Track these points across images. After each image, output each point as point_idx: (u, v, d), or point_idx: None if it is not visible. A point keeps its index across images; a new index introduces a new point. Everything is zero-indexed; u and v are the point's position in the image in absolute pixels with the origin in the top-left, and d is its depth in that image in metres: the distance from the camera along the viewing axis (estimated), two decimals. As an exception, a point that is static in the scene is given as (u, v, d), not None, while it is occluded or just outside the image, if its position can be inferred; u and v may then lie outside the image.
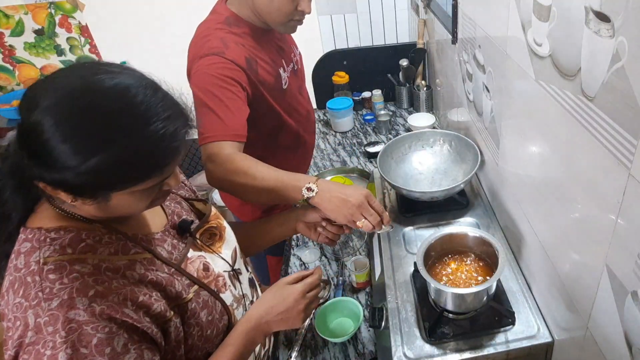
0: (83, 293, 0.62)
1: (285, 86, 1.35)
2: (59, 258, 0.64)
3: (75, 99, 0.60)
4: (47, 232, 0.67)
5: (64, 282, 0.62)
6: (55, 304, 0.61)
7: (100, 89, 0.61)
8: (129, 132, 0.61)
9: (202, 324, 0.78)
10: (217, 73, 1.11)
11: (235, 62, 1.14)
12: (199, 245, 0.87)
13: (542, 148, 0.85)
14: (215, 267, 0.87)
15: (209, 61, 1.13)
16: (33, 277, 0.63)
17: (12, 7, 2.53)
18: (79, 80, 0.61)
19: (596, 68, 0.59)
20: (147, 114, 0.62)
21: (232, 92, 1.12)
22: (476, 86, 1.27)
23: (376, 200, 1.00)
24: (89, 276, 0.64)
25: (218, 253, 0.91)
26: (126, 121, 0.61)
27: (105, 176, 0.61)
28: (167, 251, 0.79)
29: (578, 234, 0.74)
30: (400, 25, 2.63)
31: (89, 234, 0.69)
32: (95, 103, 0.60)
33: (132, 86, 0.62)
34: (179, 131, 0.66)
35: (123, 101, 0.61)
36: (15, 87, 2.78)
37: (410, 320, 0.98)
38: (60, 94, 0.60)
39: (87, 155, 0.58)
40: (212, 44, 1.15)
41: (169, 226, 0.84)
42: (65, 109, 0.59)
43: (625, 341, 0.63)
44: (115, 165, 0.61)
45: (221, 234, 0.95)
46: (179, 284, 0.76)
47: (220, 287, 0.86)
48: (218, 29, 1.20)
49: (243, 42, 1.21)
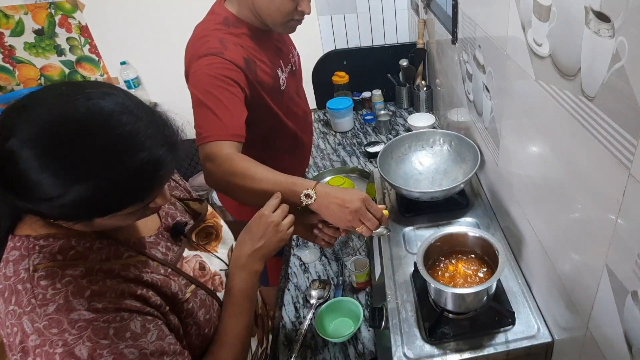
0: (79, 295, 0.62)
1: (283, 87, 1.35)
2: (49, 265, 0.63)
3: (54, 130, 0.56)
4: (36, 239, 0.65)
5: (57, 287, 0.62)
6: (52, 309, 0.60)
7: (81, 118, 0.57)
8: (110, 164, 0.57)
9: (200, 322, 0.78)
10: (216, 73, 1.10)
11: (234, 62, 1.14)
12: (194, 245, 0.87)
13: (542, 148, 0.85)
14: (212, 266, 0.87)
15: (207, 61, 1.12)
16: (24, 285, 0.62)
17: (12, 7, 2.53)
18: (57, 109, 0.57)
19: (596, 68, 0.59)
20: (130, 144, 0.58)
21: (231, 92, 1.11)
22: (476, 86, 1.27)
23: (374, 204, 1.00)
24: (82, 278, 0.64)
25: (214, 252, 0.91)
26: (107, 153, 0.57)
27: (83, 208, 0.59)
28: (161, 253, 0.79)
29: (578, 234, 0.74)
30: (400, 25, 2.63)
31: (79, 240, 0.68)
32: (74, 134, 0.56)
33: (114, 113, 0.58)
34: (163, 159, 0.62)
35: (105, 132, 0.57)
36: (15, 87, 2.79)
37: (410, 320, 0.98)
38: (38, 125, 0.55)
39: (65, 188, 0.55)
40: (210, 45, 1.15)
41: (162, 229, 0.83)
42: (43, 141, 0.55)
43: (625, 341, 0.63)
44: (94, 197, 0.58)
45: (218, 232, 0.95)
46: (175, 285, 0.75)
47: (217, 285, 0.86)
48: (216, 30, 1.19)
49: (241, 43, 1.20)
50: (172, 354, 0.69)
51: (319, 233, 1.05)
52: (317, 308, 1.22)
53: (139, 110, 0.61)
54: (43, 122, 0.56)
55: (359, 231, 0.99)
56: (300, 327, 1.19)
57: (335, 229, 1.05)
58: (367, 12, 2.58)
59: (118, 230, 0.74)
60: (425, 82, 2.16)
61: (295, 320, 1.23)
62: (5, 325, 0.62)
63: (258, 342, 1.01)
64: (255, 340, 0.99)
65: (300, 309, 1.27)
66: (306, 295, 1.29)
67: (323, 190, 0.98)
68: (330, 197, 0.97)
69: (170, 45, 2.02)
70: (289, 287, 1.34)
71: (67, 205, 0.57)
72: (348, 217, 0.96)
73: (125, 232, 0.76)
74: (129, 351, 0.63)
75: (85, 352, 0.60)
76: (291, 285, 1.34)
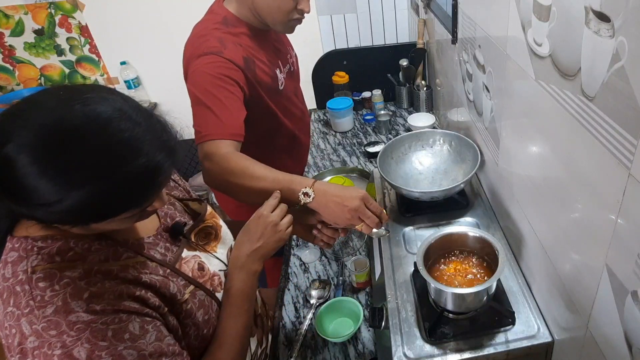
0: (77, 297, 0.62)
1: (281, 87, 1.35)
2: (48, 266, 0.63)
3: (51, 136, 0.55)
4: (34, 241, 0.65)
5: (55, 289, 0.62)
6: (50, 311, 0.60)
7: (78, 124, 0.56)
8: (108, 170, 0.57)
9: (199, 323, 0.78)
10: (215, 72, 1.10)
11: (234, 61, 1.14)
12: (193, 246, 0.87)
13: (542, 148, 0.85)
14: (211, 267, 0.87)
15: (206, 60, 1.12)
16: (22, 287, 0.62)
17: (12, 7, 2.53)
18: (55, 115, 0.56)
19: (596, 68, 0.59)
20: (128, 150, 0.58)
21: (230, 91, 1.11)
22: (476, 86, 1.27)
23: (373, 202, 0.99)
24: (81, 279, 0.64)
25: (213, 252, 0.91)
26: (105, 159, 0.57)
27: (80, 214, 0.59)
28: (160, 253, 0.79)
29: (578, 234, 0.74)
30: (400, 25, 2.63)
31: (77, 242, 0.67)
32: (71, 140, 0.55)
33: (112, 119, 0.58)
34: (161, 165, 0.62)
35: (102, 138, 0.57)
36: (15, 87, 2.78)
37: (410, 320, 0.98)
38: (35, 130, 0.55)
39: (62, 194, 0.55)
40: (210, 44, 1.15)
41: (162, 229, 0.83)
42: (40, 147, 0.54)
43: (625, 341, 0.63)
44: (91, 203, 0.57)
45: (217, 233, 0.95)
46: (173, 286, 0.75)
47: (216, 286, 0.86)
48: (215, 29, 1.19)
49: (240, 42, 1.21)
50: (171, 355, 0.69)
51: (317, 234, 1.04)
52: (317, 308, 1.22)
53: (137, 116, 0.61)
54: (40, 128, 0.55)
55: (359, 229, 0.99)
56: (300, 327, 1.19)
57: (334, 229, 1.04)
58: (367, 12, 2.58)
59: (117, 232, 0.74)
60: (425, 82, 2.16)
61: (295, 320, 1.23)
62: (3, 327, 0.62)
63: (258, 342, 1.01)
64: (254, 340, 0.99)
65: (300, 309, 1.27)
66: (306, 295, 1.29)
67: (321, 189, 0.97)
68: (329, 196, 0.96)
69: (171, 45, 2.02)
70: (289, 287, 1.34)
71: (64, 211, 0.57)
72: (347, 216, 0.96)
73: (124, 233, 0.75)
74: (128, 352, 0.63)
75: (84, 353, 0.60)
76: (291, 285, 1.34)
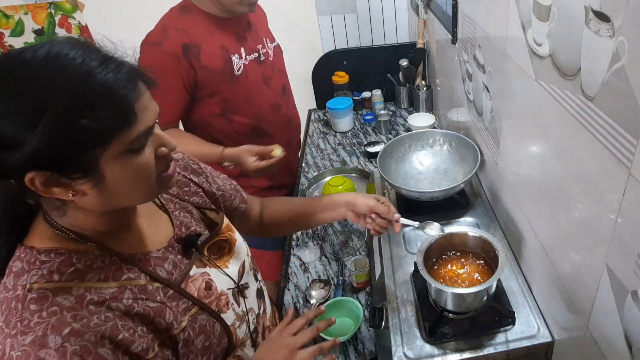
0: (57, 331, 0.60)
1: (238, 72, 1.42)
2: (44, 286, 0.63)
3: (2, 72, 0.56)
4: (39, 253, 0.65)
5: (43, 315, 0.61)
6: (28, 340, 0.59)
7: (28, 58, 0.57)
8: (72, 83, 0.56)
9: (197, 351, 0.74)
10: (153, 66, 1.19)
11: (171, 52, 1.29)
12: (204, 261, 0.83)
13: (542, 148, 0.85)
14: (219, 285, 0.83)
15: (147, 55, 1.28)
16: (16, 304, 0.61)
17: (12, 7, 2.53)
18: (3, 59, 0.58)
19: (596, 68, 0.60)
20: (87, 67, 0.57)
21: (167, 82, 1.28)
22: (476, 86, 1.27)
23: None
24: (68, 311, 0.62)
25: (224, 268, 0.86)
26: (67, 74, 0.56)
27: (66, 141, 0.56)
28: (167, 271, 0.75)
29: (578, 234, 0.74)
30: (400, 25, 2.63)
31: (81, 257, 0.66)
32: (23, 69, 0.56)
33: (62, 50, 0.58)
34: (131, 73, 0.61)
35: (58, 62, 0.57)
36: (15, 87, 2.79)
37: (410, 320, 0.98)
38: None
39: (34, 119, 0.54)
40: (153, 32, 1.33)
41: (174, 240, 0.80)
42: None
43: (625, 341, 0.63)
44: (67, 124, 0.55)
45: (231, 247, 0.90)
46: (170, 314, 0.72)
47: (222, 306, 0.82)
48: (168, 17, 1.38)
49: (187, 29, 1.34)
50: None
51: (371, 222, 1.04)
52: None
53: (89, 46, 0.61)
54: None
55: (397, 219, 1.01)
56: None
57: (387, 221, 1.03)
58: (367, 12, 2.58)
59: (126, 241, 0.72)
60: (425, 82, 2.16)
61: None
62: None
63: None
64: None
65: (300, 309, 1.27)
66: (306, 295, 1.29)
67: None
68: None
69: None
70: (289, 287, 1.34)
71: (46, 139, 0.54)
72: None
73: (133, 245, 0.73)
74: None
75: None
76: (291, 285, 1.34)
